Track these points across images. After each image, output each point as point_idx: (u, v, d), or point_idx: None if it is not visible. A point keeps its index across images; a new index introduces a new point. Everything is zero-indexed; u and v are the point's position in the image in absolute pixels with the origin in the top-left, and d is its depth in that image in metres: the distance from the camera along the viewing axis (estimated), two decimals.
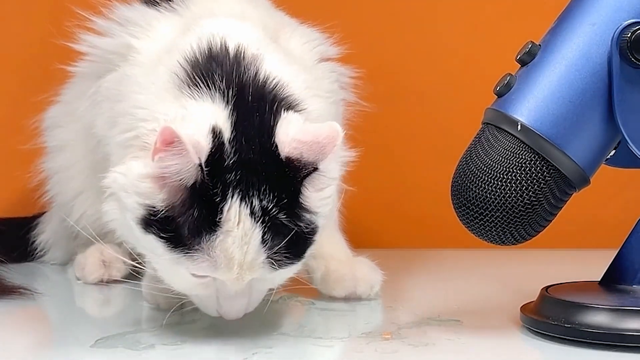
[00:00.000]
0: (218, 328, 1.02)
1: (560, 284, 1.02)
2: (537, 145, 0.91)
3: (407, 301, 1.14)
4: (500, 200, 0.91)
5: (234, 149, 0.91)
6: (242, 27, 1.05)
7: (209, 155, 0.90)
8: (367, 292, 1.14)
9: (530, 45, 0.94)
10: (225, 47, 0.99)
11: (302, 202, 0.93)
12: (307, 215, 0.93)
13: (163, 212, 0.90)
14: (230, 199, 0.90)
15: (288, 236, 0.92)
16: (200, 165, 0.89)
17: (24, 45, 1.54)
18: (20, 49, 1.54)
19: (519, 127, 0.91)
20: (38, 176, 1.33)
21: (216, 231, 0.90)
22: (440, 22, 1.56)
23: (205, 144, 0.90)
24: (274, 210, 0.91)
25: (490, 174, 0.91)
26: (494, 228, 0.92)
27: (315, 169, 0.92)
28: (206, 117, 0.92)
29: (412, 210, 1.57)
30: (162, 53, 1.04)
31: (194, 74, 0.96)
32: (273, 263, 0.92)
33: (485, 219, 0.92)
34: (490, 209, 0.91)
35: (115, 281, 1.26)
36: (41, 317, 1.12)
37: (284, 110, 0.95)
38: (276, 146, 0.93)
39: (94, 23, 1.17)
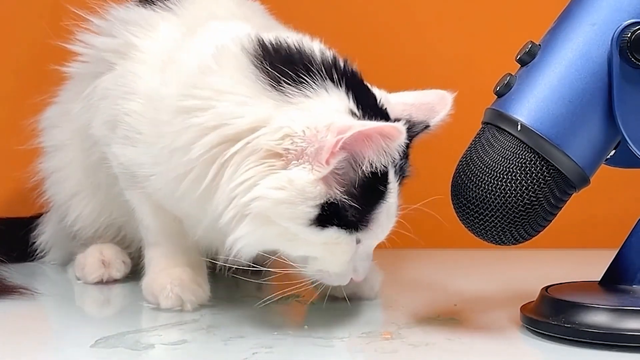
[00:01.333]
0: (218, 328, 1.02)
1: (560, 284, 1.02)
2: (537, 145, 0.91)
3: (407, 301, 1.14)
4: (500, 200, 0.91)
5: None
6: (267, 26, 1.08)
7: None
8: (368, 293, 1.14)
9: (530, 45, 0.94)
10: (286, 43, 1.00)
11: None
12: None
13: (340, 202, 0.94)
14: (389, 166, 0.97)
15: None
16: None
17: (23, 46, 1.54)
18: (19, 50, 1.54)
19: (519, 127, 0.91)
20: (36, 176, 1.33)
21: (385, 198, 0.98)
22: (440, 22, 1.56)
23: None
24: (404, 166, 1.01)
25: (490, 174, 0.91)
26: (494, 228, 0.92)
27: (427, 126, 1.02)
28: (339, 107, 0.96)
29: (412, 210, 1.56)
30: (175, 53, 1.05)
31: (287, 72, 0.96)
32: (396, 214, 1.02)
33: (485, 219, 0.92)
34: (490, 209, 0.91)
35: (115, 281, 1.26)
36: (41, 317, 1.12)
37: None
38: (386, 110, 1.00)
39: (91, 23, 1.17)
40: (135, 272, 1.25)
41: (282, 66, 0.97)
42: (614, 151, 0.95)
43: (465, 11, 1.56)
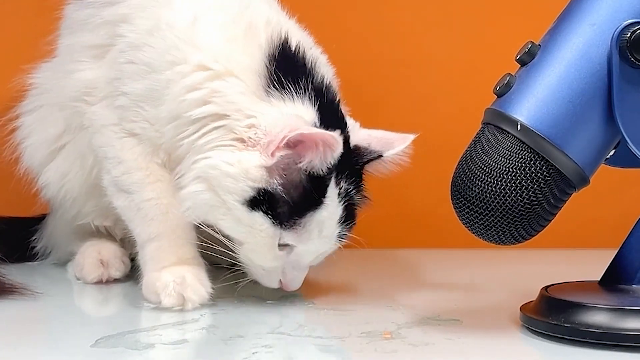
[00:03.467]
0: (218, 328, 1.02)
1: (560, 283, 1.02)
2: (536, 145, 0.91)
3: (407, 301, 1.14)
4: (500, 200, 0.91)
5: None
6: (292, 24, 1.17)
7: None
8: None
9: (530, 45, 0.94)
10: (297, 48, 1.11)
11: (362, 187, 1.11)
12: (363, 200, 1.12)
13: (275, 193, 1.04)
14: (331, 181, 1.06)
15: (354, 215, 1.11)
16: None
17: (26, 43, 1.54)
18: (21, 47, 1.54)
19: (519, 127, 0.91)
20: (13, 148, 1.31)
21: (318, 208, 1.06)
22: (440, 22, 1.56)
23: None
24: (352, 191, 1.09)
25: (490, 173, 0.91)
26: (493, 228, 0.92)
27: (380, 156, 1.11)
28: (304, 116, 1.06)
29: (412, 210, 1.57)
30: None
31: (280, 79, 1.08)
32: (340, 238, 1.10)
33: (485, 219, 0.92)
34: (490, 209, 0.91)
35: (115, 280, 1.26)
36: (41, 317, 1.12)
37: (342, 106, 1.13)
38: (349, 137, 1.10)
39: None
40: (134, 271, 1.25)
41: (280, 73, 1.08)
42: (614, 151, 0.95)
43: (466, 11, 1.56)
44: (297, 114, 1.06)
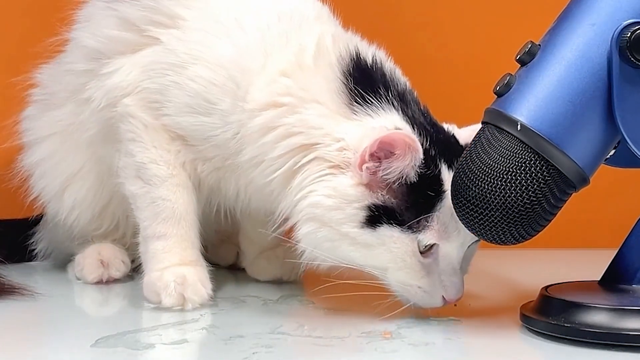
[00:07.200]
0: (218, 328, 1.02)
1: (560, 283, 1.02)
2: (536, 145, 0.91)
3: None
4: (500, 199, 0.91)
5: (421, 136, 1.02)
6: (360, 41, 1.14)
7: None
8: (288, 275, 1.25)
9: (530, 45, 0.94)
10: (372, 60, 1.09)
11: None
12: None
13: (388, 204, 1.01)
14: (440, 166, 1.02)
15: None
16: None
17: (21, 42, 1.54)
18: (17, 46, 1.54)
19: (519, 126, 0.91)
20: (19, 175, 1.30)
21: (440, 196, 1.01)
22: (440, 22, 1.56)
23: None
24: None
25: (490, 173, 0.91)
26: (494, 228, 0.92)
27: None
28: (388, 124, 1.03)
29: None
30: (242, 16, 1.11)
31: (361, 93, 1.05)
32: None
33: (485, 219, 0.92)
34: (490, 209, 0.91)
35: (115, 280, 1.26)
36: (41, 318, 1.12)
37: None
38: (453, 134, 1.08)
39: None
40: (134, 271, 1.25)
41: (360, 87, 1.05)
42: (614, 151, 0.95)
43: (465, 11, 1.56)
44: (381, 125, 1.02)
